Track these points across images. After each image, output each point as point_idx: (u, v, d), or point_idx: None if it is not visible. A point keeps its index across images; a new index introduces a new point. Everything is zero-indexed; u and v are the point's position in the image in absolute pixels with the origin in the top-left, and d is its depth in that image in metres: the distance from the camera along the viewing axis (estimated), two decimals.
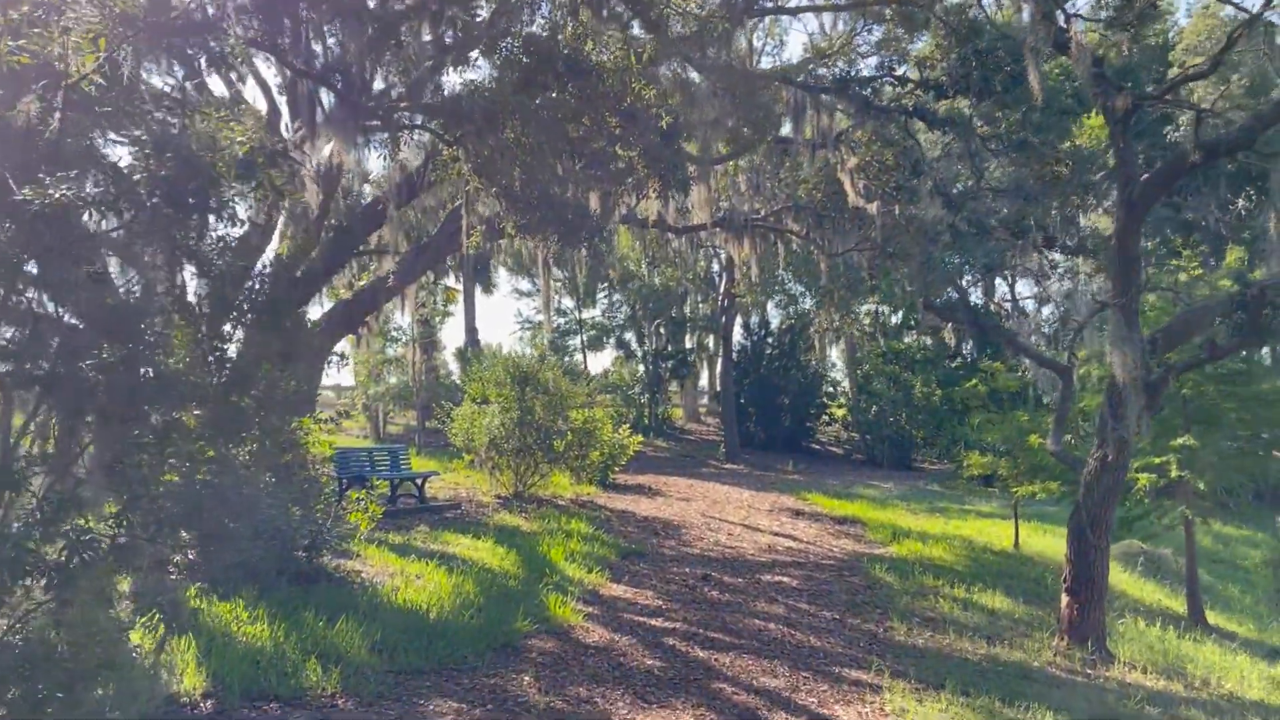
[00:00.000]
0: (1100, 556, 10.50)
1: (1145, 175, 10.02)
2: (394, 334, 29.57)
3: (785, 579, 13.50)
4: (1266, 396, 15.13)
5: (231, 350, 11.31)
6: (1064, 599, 10.84)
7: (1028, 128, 13.74)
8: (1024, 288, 37.16)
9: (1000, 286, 39.33)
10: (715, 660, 8.97)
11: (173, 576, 6.66)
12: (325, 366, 19.02)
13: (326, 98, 9.90)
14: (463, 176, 9.66)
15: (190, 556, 6.71)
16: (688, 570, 13.59)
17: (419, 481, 17.37)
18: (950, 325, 13.67)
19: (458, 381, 27.67)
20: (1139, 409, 9.52)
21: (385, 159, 12.91)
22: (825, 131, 16.35)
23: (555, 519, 16.26)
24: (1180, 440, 14.18)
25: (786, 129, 20.34)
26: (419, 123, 9.39)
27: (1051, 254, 13.77)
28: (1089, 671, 9.99)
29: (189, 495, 5.12)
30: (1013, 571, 15.43)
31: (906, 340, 41.69)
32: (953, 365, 39.01)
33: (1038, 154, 14.33)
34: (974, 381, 18.70)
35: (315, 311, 19.17)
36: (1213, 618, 15.25)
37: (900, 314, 43.71)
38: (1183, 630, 13.33)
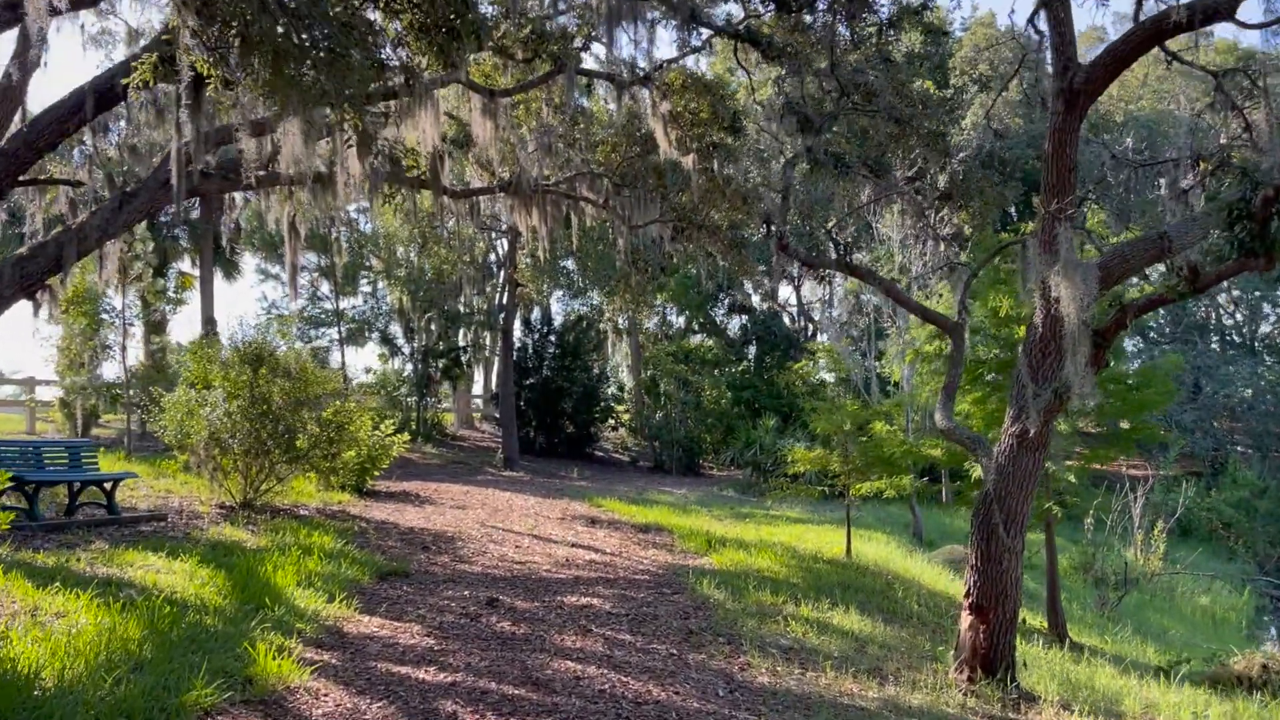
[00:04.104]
0: (1015, 563, 8.04)
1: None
2: (106, 315, 24.35)
3: (595, 600, 10.45)
4: (1124, 379, 13.54)
5: None
6: (965, 619, 8.31)
7: (884, 47, 11.45)
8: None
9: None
10: None
11: None
12: None
13: None
14: None
15: None
16: (467, 593, 10.30)
17: (108, 486, 13.13)
18: (811, 272, 11.07)
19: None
20: (1084, 362, 7.12)
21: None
22: (637, 56, 13.64)
23: (293, 532, 12.54)
24: None
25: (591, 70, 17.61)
26: None
27: (919, 199, 11.46)
28: (1015, 716, 7.50)
29: None
30: (854, 584, 13.03)
31: (694, 341, 39.81)
32: (738, 370, 37.32)
33: (892, 85, 12.11)
34: (802, 363, 16.32)
35: None
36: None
37: (686, 315, 41.88)
38: (1060, 649, 11.30)
